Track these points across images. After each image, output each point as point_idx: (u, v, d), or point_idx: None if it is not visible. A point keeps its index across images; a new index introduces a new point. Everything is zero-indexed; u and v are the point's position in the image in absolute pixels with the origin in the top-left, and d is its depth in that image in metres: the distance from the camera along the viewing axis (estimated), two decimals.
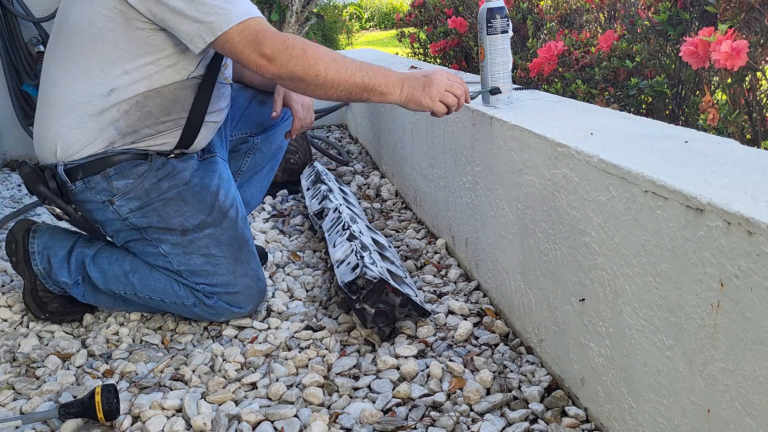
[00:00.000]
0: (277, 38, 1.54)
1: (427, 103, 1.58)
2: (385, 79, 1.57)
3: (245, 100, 2.06)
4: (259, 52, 1.53)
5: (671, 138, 1.21)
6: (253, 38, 1.53)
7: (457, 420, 1.33)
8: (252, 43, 1.53)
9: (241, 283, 1.76)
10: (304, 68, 1.52)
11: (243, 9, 1.54)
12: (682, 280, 0.94)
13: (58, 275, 1.83)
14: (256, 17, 1.56)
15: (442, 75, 1.60)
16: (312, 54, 1.53)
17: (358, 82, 1.55)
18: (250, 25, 1.53)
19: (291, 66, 1.52)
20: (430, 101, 1.58)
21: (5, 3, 3.67)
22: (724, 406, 0.90)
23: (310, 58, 1.53)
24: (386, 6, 14.87)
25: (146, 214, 1.73)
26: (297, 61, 1.52)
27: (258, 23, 1.54)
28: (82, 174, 1.69)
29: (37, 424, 1.43)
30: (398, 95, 1.58)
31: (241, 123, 2.07)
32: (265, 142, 2.12)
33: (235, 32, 1.53)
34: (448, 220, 2.11)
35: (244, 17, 1.53)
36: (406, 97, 1.58)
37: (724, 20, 1.65)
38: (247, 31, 1.53)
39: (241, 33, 1.53)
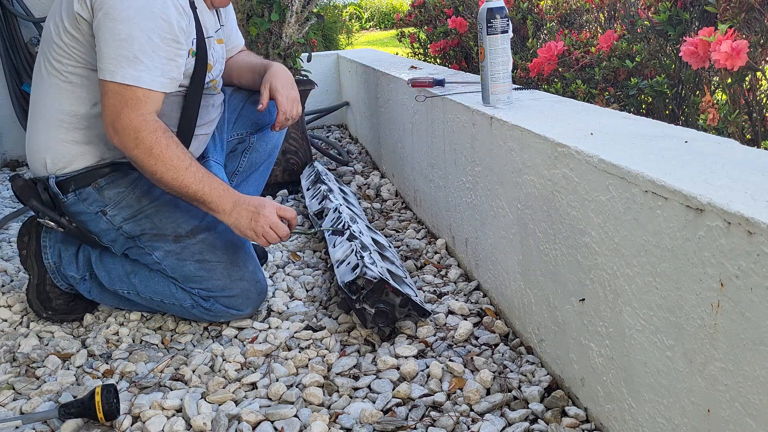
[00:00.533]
0: (134, 122, 1.54)
1: (249, 236, 1.66)
2: (219, 199, 1.62)
3: (239, 101, 2.08)
4: (112, 122, 1.55)
5: (671, 138, 1.21)
6: (118, 105, 1.54)
7: (457, 420, 1.33)
8: (113, 109, 1.54)
9: (238, 286, 1.76)
10: (143, 161, 1.56)
11: (135, 73, 1.52)
12: (682, 280, 0.94)
13: (66, 270, 1.84)
14: (141, 89, 1.54)
15: (271, 211, 1.66)
16: (157, 154, 1.55)
17: (191, 192, 1.60)
18: (125, 93, 1.53)
19: (132, 153, 1.56)
20: (253, 234, 1.65)
21: (5, 3, 3.67)
22: (724, 406, 0.90)
23: (154, 157, 1.55)
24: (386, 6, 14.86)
25: (139, 222, 1.73)
26: (138, 152, 1.55)
27: (134, 97, 1.53)
28: (74, 186, 1.70)
29: (37, 424, 1.43)
30: (227, 217, 1.64)
31: (238, 124, 2.08)
32: (260, 140, 2.12)
33: (111, 88, 1.54)
34: (448, 220, 2.11)
35: (130, 82, 1.52)
36: (233, 222, 1.64)
37: (724, 20, 1.65)
38: (119, 96, 1.53)
39: (115, 94, 1.54)
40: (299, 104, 1.97)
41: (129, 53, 1.51)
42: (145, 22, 1.51)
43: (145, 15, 1.52)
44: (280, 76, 1.94)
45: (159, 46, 1.54)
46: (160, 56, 1.55)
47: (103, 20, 1.52)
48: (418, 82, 2.17)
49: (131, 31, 1.51)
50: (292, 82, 1.97)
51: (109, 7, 1.51)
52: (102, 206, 1.72)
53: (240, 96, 2.08)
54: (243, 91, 2.08)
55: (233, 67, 2.05)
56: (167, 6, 1.54)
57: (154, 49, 1.53)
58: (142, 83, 1.54)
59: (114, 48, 1.51)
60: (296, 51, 2.94)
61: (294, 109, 1.94)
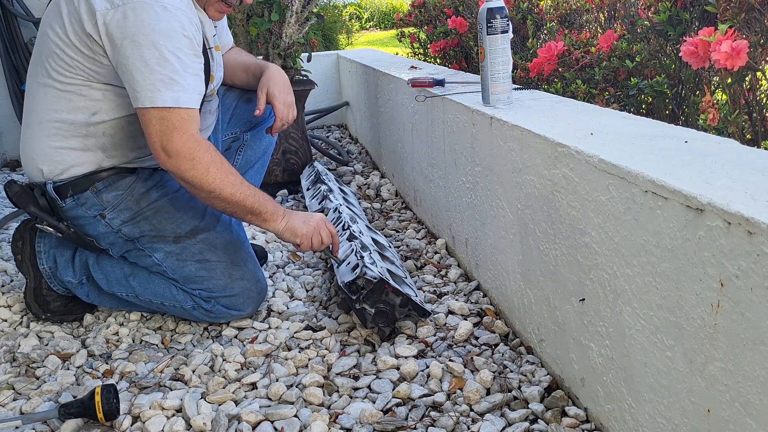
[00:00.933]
0: (188, 144, 1.54)
1: (302, 233, 1.70)
2: (273, 207, 1.68)
3: (233, 99, 2.08)
4: (164, 147, 1.54)
5: (671, 138, 1.21)
6: (166, 130, 1.53)
7: (457, 420, 1.33)
8: (162, 135, 1.53)
9: (238, 286, 1.76)
10: (201, 181, 1.56)
11: (173, 95, 1.52)
12: (682, 280, 0.94)
13: (63, 274, 1.83)
14: (183, 109, 1.53)
15: (322, 218, 1.75)
16: (215, 172, 1.56)
17: (248, 204, 1.62)
18: (169, 117, 1.52)
19: (188, 175, 1.56)
20: (305, 232, 1.70)
21: (5, 3, 3.67)
22: (724, 406, 0.90)
23: (211, 176, 1.56)
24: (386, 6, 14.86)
25: (138, 224, 1.73)
26: (196, 173, 1.56)
27: (179, 119, 1.53)
28: (72, 191, 1.70)
29: (37, 424, 1.43)
30: (280, 221, 1.68)
31: (232, 123, 2.09)
32: (254, 138, 2.13)
33: (155, 114, 1.53)
34: (448, 220, 2.11)
35: (171, 104, 1.52)
36: (287, 224, 1.69)
37: (724, 20, 1.65)
38: (165, 121, 1.53)
39: (160, 119, 1.53)
40: (295, 108, 1.97)
41: (164, 76, 1.51)
42: (172, 43, 1.51)
43: (169, 36, 1.51)
44: (277, 80, 1.93)
45: (187, 64, 1.54)
46: (189, 74, 1.55)
47: (130, 48, 1.50)
48: (418, 82, 2.17)
49: (161, 54, 1.50)
50: (289, 86, 1.97)
51: (133, 34, 1.49)
52: (101, 210, 1.71)
53: (233, 95, 2.08)
54: (235, 90, 2.08)
55: (225, 66, 2.04)
56: (186, 23, 1.54)
57: (185, 68, 1.53)
58: (183, 103, 1.53)
59: (148, 74, 1.50)
60: (296, 51, 2.94)
61: (290, 114, 1.95)
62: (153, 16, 1.50)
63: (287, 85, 1.96)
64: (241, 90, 2.08)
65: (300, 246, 1.72)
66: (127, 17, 1.50)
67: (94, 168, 1.70)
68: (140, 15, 1.49)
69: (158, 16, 1.50)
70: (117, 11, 1.50)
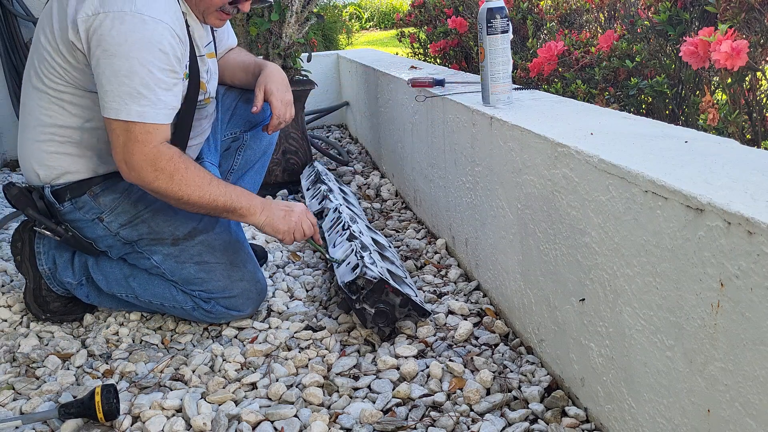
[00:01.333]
0: (149, 156, 1.53)
1: (282, 230, 1.70)
2: (248, 202, 1.66)
3: (232, 100, 2.06)
4: (126, 160, 1.54)
5: (671, 138, 1.21)
6: (127, 142, 1.52)
7: (457, 420, 1.33)
8: (124, 147, 1.53)
9: (238, 287, 1.76)
10: (166, 190, 1.56)
11: (139, 109, 1.50)
12: (682, 280, 0.94)
13: (62, 276, 1.83)
14: (150, 124, 1.52)
15: (301, 208, 1.75)
16: (179, 179, 1.56)
17: (220, 204, 1.62)
18: (133, 130, 1.51)
19: (153, 185, 1.56)
20: (285, 228, 1.70)
21: (5, 3, 3.67)
22: (724, 406, 0.90)
23: (176, 182, 1.56)
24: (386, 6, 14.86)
25: (136, 227, 1.73)
26: (160, 183, 1.55)
27: (142, 133, 1.52)
28: (70, 195, 1.70)
29: (37, 424, 1.43)
30: (259, 216, 1.67)
31: (231, 123, 2.08)
32: (254, 138, 2.12)
33: (119, 126, 1.52)
34: (448, 220, 2.11)
35: (136, 118, 1.51)
36: (266, 219, 1.68)
37: (724, 20, 1.65)
38: (128, 133, 1.52)
39: (123, 131, 1.52)
40: (293, 107, 1.95)
41: (131, 89, 1.49)
42: (143, 56, 1.49)
43: (143, 48, 1.49)
44: (275, 78, 1.92)
45: (159, 78, 1.52)
46: (161, 88, 1.53)
47: (102, 57, 1.49)
48: (418, 82, 2.17)
49: (131, 66, 1.48)
50: (287, 84, 1.95)
51: (107, 43, 1.48)
52: (98, 213, 1.71)
53: (233, 95, 2.07)
54: (235, 90, 2.07)
55: (225, 67, 2.04)
56: (164, 36, 1.51)
57: (156, 82, 1.51)
58: (148, 118, 1.52)
59: (116, 85, 1.49)
60: (296, 51, 2.94)
61: (288, 113, 1.93)
62: (130, 27, 1.48)
63: (285, 84, 1.95)
64: (241, 90, 2.07)
65: (282, 241, 1.73)
66: (104, 25, 1.48)
67: (90, 174, 1.70)
68: (117, 25, 1.48)
69: (135, 28, 1.48)
70: (97, 18, 1.49)
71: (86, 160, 1.69)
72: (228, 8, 1.70)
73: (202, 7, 1.68)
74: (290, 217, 1.70)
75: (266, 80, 1.90)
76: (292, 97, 1.96)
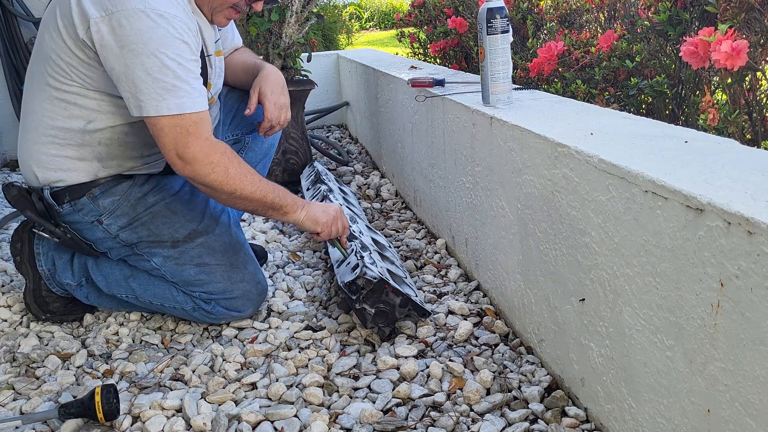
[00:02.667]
0: (204, 148, 1.53)
1: (323, 222, 1.73)
2: (293, 199, 1.70)
3: (234, 101, 2.05)
4: (180, 155, 1.53)
5: (671, 138, 1.21)
6: (179, 137, 1.52)
7: (457, 420, 1.33)
8: (177, 142, 1.52)
9: (239, 288, 1.76)
10: (221, 183, 1.57)
11: (178, 101, 1.50)
12: (682, 280, 0.94)
13: (62, 276, 1.83)
14: (194, 113, 1.52)
15: (339, 209, 1.79)
16: (234, 173, 1.57)
17: (269, 200, 1.64)
18: (180, 123, 1.51)
19: (209, 179, 1.56)
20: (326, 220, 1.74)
21: (5, 3, 3.67)
22: (724, 406, 0.90)
23: (231, 176, 1.57)
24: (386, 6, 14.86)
25: (135, 229, 1.73)
26: (216, 176, 1.56)
27: (191, 123, 1.52)
28: (69, 197, 1.69)
29: (37, 424, 1.43)
30: (301, 212, 1.70)
31: (233, 124, 2.07)
32: (255, 140, 2.11)
33: (165, 123, 1.51)
34: (448, 220, 2.11)
35: (177, 111, 1.50)
36: (307, 213, 1.71)
37: (724, 20, 1.65)
38: (176, 128, 1.51)
39: (171, 127, 1.51)
40: (288, 110, 1.92)
41: (167, 84, 1.49)
42: (170, 50, 1.49)
43: (168, 43, 1.49)
44: (271, 80, 1.89)
45: (189, 69, 1.53)
46: (192, 78, 1.54)
47: (129, 57, 1.48)
48: (418, 82, 2.17)
49: (161, 61, 1.48)
50: (283, 87, 1.92)
51: (131, 42, 1.47)
52: (98, 215, 1.71)
53: (235, 96, 2.06)
54: (238, 92, 2.05)
55: (228, 66, 2.02)
56: (182, 29, 1.52)
57: (186, 72, 1.52)
58: (188, 108, 1.51)
59: (150, 83, 1.48)
60: (296, 51, 2.94)
61: (282, 116, 1.89)
62: (150, 24, 1.48)
63: (281, 86, 1.91)
64: (243, 92, 2.06)
65: (320, 234, 1.74)
66: (123, 26, 1.47)
67: (90, 178, 1.69)
68: (135, 24, 1.47)
69: (155, 24, 1.48)
70: (112, 19, 1.48)
71: (86, 164, 1.68)
72: (242, 5, 1.70)
73: (216, 3, 1.67)
74: (329, 211, 1.74)
75: (261, 82, 1.88)
76: (288, 101, 1.92)
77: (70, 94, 1.62)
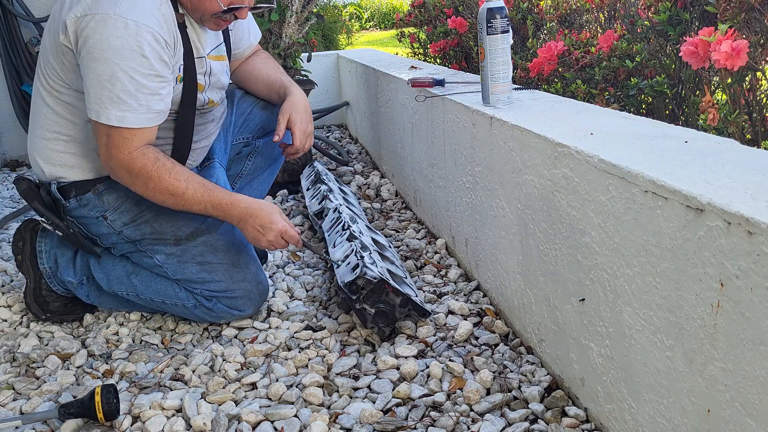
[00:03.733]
0: (124, 162, 1.58)
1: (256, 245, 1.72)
2: (224, 214, 1.67)
3: (248, 105, 2.06)
4: (106, 160, 1.60)
5: (671, 138, 1.21)
6: (108, 146, 1.58)
7: (457, 420, 1.33)
8: (105, 149, 1.59)
9: (240, 287, 1.76)
10: (143, 193, 1.63)
11: (119, 114, 1.53)
12: (682, 280, 0.94)
13: (63, 275, 1.83)
14: (126, 129, 1.55)
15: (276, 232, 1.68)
16: (153, 187, 1.61)
17: (195, 211, 1.66)
18: (112, 135, 1.56)
19: (133, 188, 1.63)
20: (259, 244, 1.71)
21: (5, 3, 3.67)
22: (724, 406, 0.90)
23: (151, 189, 1.61)
24: (386, 6, 14.86)
25: (139, 226, 1.74)
26: (137, 187, 1.62)
27: (120, 138, 1.56)
28: (75, 192, 1.72)
29: (37, 424, 1.43)
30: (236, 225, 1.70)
31: (244, 128, 2.07)
32: (266, 146, 2.11)
33: (101, 130, 1.57)
34: (448, 220, 2.11)
35: (114, 123, 1.54)
36: (241, 232, 1.71)
37: (724, 20, 1.65)
38: (108, 138, 1.57)
39: (105, 135, 1.57)
40: (312, 136, 1.95)
41: (112, 94, 1.52)
42: (125, 62, 1.51)
43: (124, 54, 1.50)
44: (300, 107, 1.91)
45: (141, 83, 1.53)
46: (144, 93, 1.54)
47: (86, 59, 1.52)
48: (418, 82, 2.17)
49: (113, 72, 1.50)
50: (310, 114, 1.95)
51: (91, 46, 1.51)
52: (102, 211, 1.72)
53: (249, 100, 2.06)
54: (252, 96, 2.07)
55: (249, 76, 2.03)
56: (146, 42, 1.52)
57: (137, 87, 1.53)
58: (127, 123, 1.55)
59: (98, 88, 1.52)
60: (296, 51, 2.94)
61: (307, 143, 1.93)
62: (112, 32, 1.49)
63: (309, 113, 1.94)
64: (257, 97, 2.06)
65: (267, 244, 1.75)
66: (89, 28, 1.50)
67: (94, 175, 1.71)
68: (100, 29, 1.49)
69: (117, 33, 1.49)
70: (84, 20, 1.51)
71: (90, 161, 1.70)
72: (225, 16, 1.69)
73: (198, 14, 1.68)
74: (261, 238, 1.69)
75: (291, 109, 1.89)
76: (312, 128, 1.96)
77: (64, 95, 1.65)
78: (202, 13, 1.67)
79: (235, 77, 2.05)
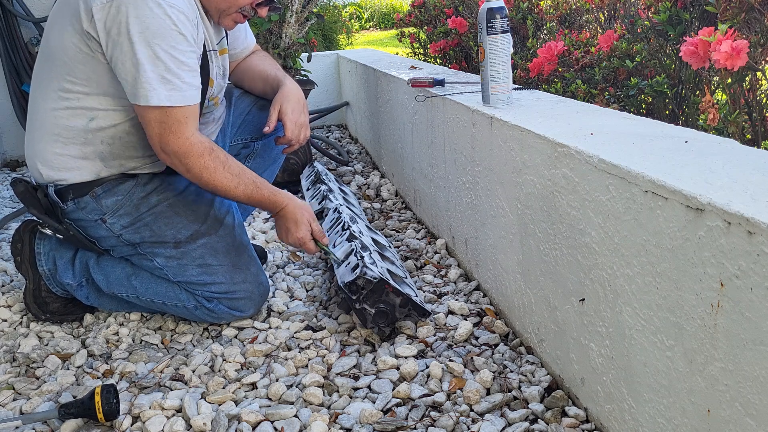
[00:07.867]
0: (181, 148, 1.58)
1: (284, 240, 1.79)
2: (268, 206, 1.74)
3: (246, 105, 2.05)
4: (161, 147, 1.59)
5: (671, 138, 1.21)
6: (162, 132, 1.57)
7: (457, 420, 1.33)
8: (159, 136, 1.58)
9: (241, 289, 1.76)
10: (197, 182, 1.65)
11: (167, 93, 1.53)
12: (682, 280, 0.94)
13: (62, 277, 1.83)
14: (178, 108, 1.55)
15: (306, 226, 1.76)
16: (207, 179, 1.63)
17: (244, 203, 1.72)
18: (165, 119, 1.56)
19: (187, 175, 1.64)
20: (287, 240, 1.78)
21: (5, 3, 3.67)
22: (724, 406, 0.90)
23: (204, 181, 1.63)
24: (386, 6, 14.86)
25: (138, 229, 1.73)
26: (191, 176, 1.63)
27: (174, 121, 1.56)
28: (73, 195, 1.70)
29: (37, 424, 1.43)
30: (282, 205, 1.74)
31: (242, 129, 2.06)
32: (265, 147, 2.10)
33: (152, 115, 1.56)
34: (448, 220, 2.11)
35: (164, 102, 1.54)
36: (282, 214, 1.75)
37: (724, 20, 1.65)
38: (162, 124, 1.56)
39: (158, 121, 1.56)
40: (308, 129, 1.93)
41: (157, 75, 1.52)
42: (165, 41, 1.52)
43: (163, 34, 1.51)
44: (292, 98, 1.88)
45: (182, 61, 1.55)
46: (184, 70, 1.55)
47: (126, 44, 1.51)
48: (418, 82, 2.17)
49: (155, 52, 1.51)
50: (304, 105, 1.92)
51: (127, 30, 1.50)
52: (101, 214, 1.71)
53: (247, 101, 2.05)
54: (251, 96, 2.05)
55: (246, 72, 2.02)
56: (181, 20, 1.54)
57: (179, 65, 1.54)
58: (176, 101, 1.55)
59: (142, 72, 1.52)
60: (296, 51, 2.94)
61: (301, 135, 1.90)
62: (147, 13, 1.50)
63: (302, 104, 1.91)
64: (255, 97, 2.05)
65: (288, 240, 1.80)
66: (121, 12, 1.50)
67: (93, 177, 1.70)
68: (133, 11, 1.50)
69: (152, 13, 1.50)
70: (112, 5, 1.51)
71: (89, 163, 1.68)
72: (248, 9, 1.71)
73: (224, 6, 1.68)
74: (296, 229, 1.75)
75: (283, 99, 1.86)
76: (307, 119, 1.93)
77: (72, 93, 1.63)
78: (229, 5, 1.68)
79: (234, 76, 2.05)
